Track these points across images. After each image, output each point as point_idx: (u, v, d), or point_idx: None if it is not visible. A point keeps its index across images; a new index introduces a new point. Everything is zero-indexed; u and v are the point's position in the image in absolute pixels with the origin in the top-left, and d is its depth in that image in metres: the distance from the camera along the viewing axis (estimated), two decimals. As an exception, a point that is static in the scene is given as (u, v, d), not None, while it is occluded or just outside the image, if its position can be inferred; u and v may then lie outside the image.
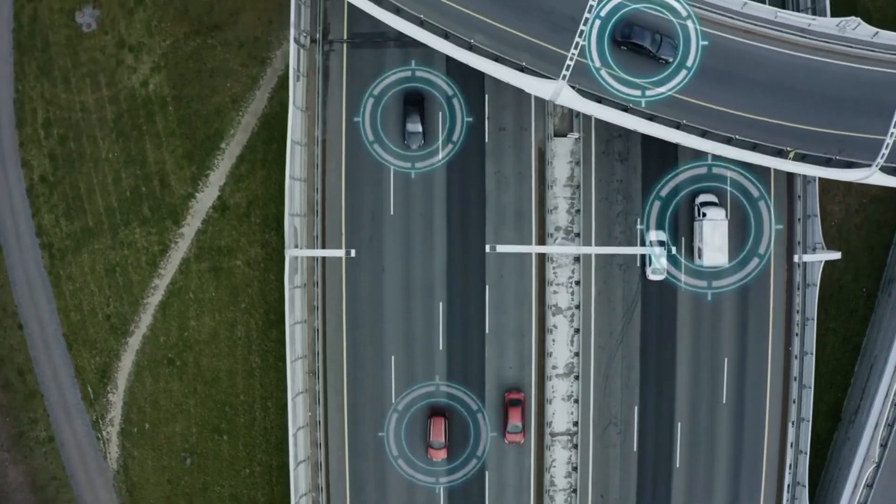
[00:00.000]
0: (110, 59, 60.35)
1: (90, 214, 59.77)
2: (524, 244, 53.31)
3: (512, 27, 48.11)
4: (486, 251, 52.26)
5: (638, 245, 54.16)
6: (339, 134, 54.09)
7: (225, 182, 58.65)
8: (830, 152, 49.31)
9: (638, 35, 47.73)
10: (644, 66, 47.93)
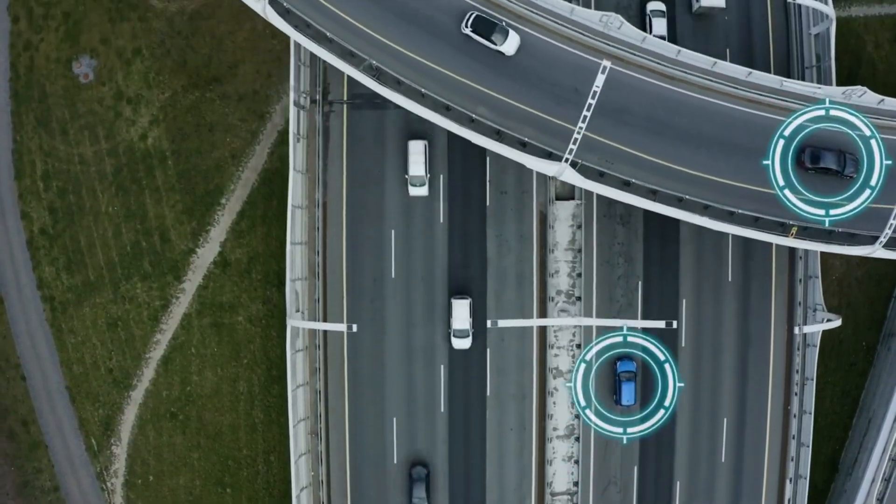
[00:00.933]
0: (108, 112, 59.97)
1: (91, 268, 59.80)
2: (525, 307, 53.42)
3: (515, 100, 47.67)
4: (488, 326, 52.65)
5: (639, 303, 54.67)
6: (339, 196, 53.87)
7: (226, 238, 58.58)
8: (832, 223, 49.54)
9: (826, 158, 47.42)
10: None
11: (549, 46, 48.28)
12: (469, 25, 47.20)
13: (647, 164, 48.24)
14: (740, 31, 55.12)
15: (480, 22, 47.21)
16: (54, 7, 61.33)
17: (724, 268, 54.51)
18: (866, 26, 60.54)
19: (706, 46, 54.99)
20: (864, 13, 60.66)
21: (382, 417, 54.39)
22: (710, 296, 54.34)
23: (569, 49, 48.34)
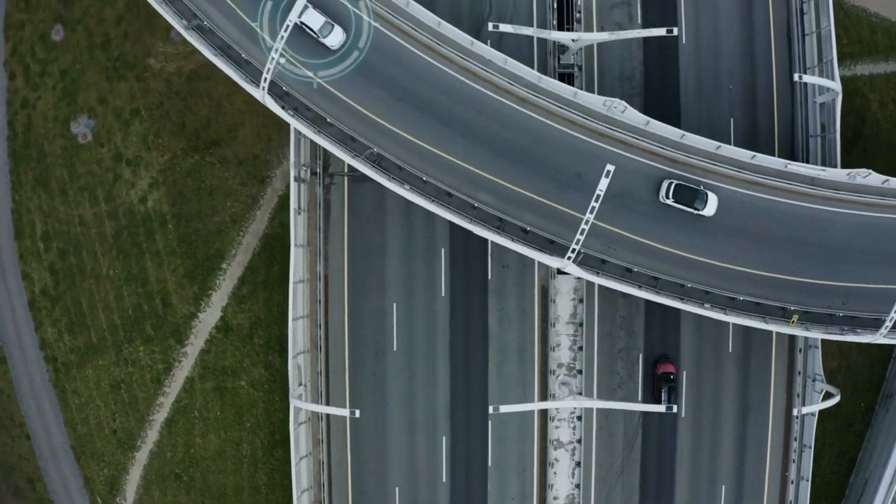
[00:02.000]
0: (108, 173, 59.64)
1: (93, 330, 59.90)
2: (526, 381, 53.47)
3: (517, 185, 47.52)
4: (490, 411, 52.76)
5: (640, 375, 54.88)
6: (341, 269, 53.74)
7: (227, 303, 58.60)
8: (834, 305, 49.30)
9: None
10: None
11: (551, 130, 48.04)
12: None
13: (650, 249, 48.12)
14: (744, 100, 54.66)
15: None
16: (51, 64, 60.78)
17: (725, 339, 54.59)
18: (871, 85, 59.99)
19: (710, 117, 55.30)
20: (870, 71, 60.09)
21: (385, 487, 54.74)
22: (710, 366, 54.59)
23: (571, 133, 48.01)
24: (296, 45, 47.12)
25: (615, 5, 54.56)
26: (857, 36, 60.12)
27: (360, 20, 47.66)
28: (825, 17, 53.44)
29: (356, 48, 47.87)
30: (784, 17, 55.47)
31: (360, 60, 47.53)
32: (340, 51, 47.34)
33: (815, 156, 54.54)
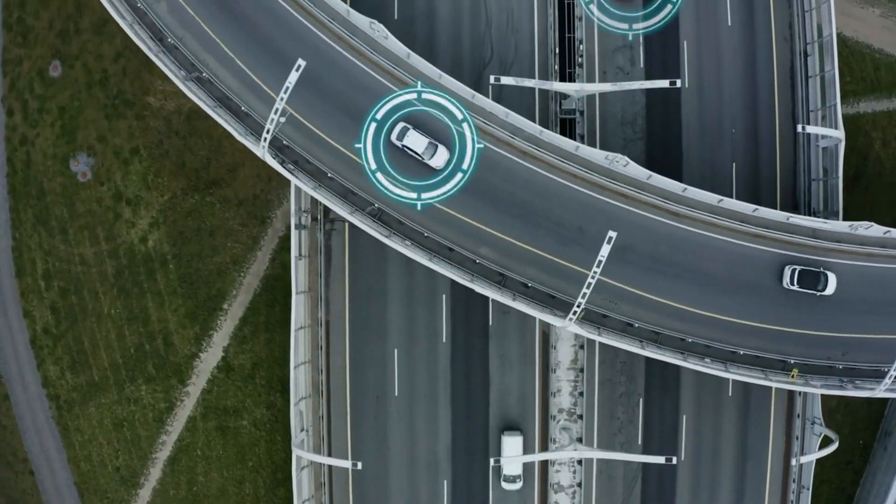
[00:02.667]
0: (108, 212, 59.51)
1: (95, 369, 60.06)
2: (527, 427, 53.94)
3: (519, 240, 47.44)
4: (491, 463, 53.13)
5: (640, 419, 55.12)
6: (342, 314, 53.67)
7: (229, 343, 58.73)
8: (833, 357, 49.44)
9: None
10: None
11: (552, 183, 47.89)
12: None
13: (651, 303, 48.19)
14: (747, 143, 54.37)
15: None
16: (49, 101, 60.43)
17: (725, 383, 54.44)
18: (874, 123, 59.74)
19: (712, 160, 55.10)
20: (873, 109, 59.78)
21: (387, 528, 55.71)
22: (710, 410, 54.72)
23: (573, 186, 47.89)
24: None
25: (617, 49, 54.20)
26: (861, 73, 59.82)
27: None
28: (829, 60, 53.11)
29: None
30: (787, 59, 55.14)
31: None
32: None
33: (818, 200, 54.43)
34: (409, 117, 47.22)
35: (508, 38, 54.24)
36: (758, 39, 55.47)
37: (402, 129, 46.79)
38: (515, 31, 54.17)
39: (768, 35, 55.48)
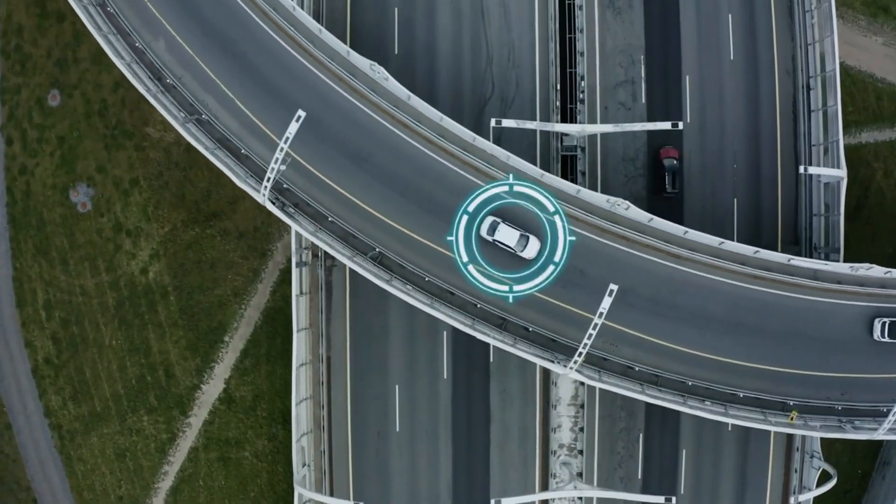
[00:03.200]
0: (108, 243, 59.42)
1: (97, 399, 60.19)
2: (528, 460, 53.99)
3: (518, 283, 47.77)
4: (492, 503, 53.41)
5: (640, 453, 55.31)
6: (343, 351, 53.70)
7: (230, 375, 58.78)
8: (833, 397, 49.56)
9: None
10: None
11: (553, 225, 47.98)
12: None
13: (652, 346, 48.19)
14: (748, 178, 54.25)
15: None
16: (48, 130, 60.20)
17: (725, 417, 55.25)
18: (876, 153, 59.49)
19: (713, 195, 54.93)
20: (875, 139, 59.52)
21: (389, 564, 56.04)
22: (709, 445, 54.92)
23: (574, 229, 47.86)
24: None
25: (619, 84, 53.91)
26: (863, 103, 59.48)
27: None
28: (832, 96, 52.86)
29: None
30: (790, 92, 54.92)
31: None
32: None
33: (819, 235, 54.39)
34: (499, 210, 46.62)
35: (509, 73, 54.04)
36: (760, 73, 55.22)
37: (492, 223, 46.16)
38: (516, 66, 53.97)
39: (771, 69, 55.22)
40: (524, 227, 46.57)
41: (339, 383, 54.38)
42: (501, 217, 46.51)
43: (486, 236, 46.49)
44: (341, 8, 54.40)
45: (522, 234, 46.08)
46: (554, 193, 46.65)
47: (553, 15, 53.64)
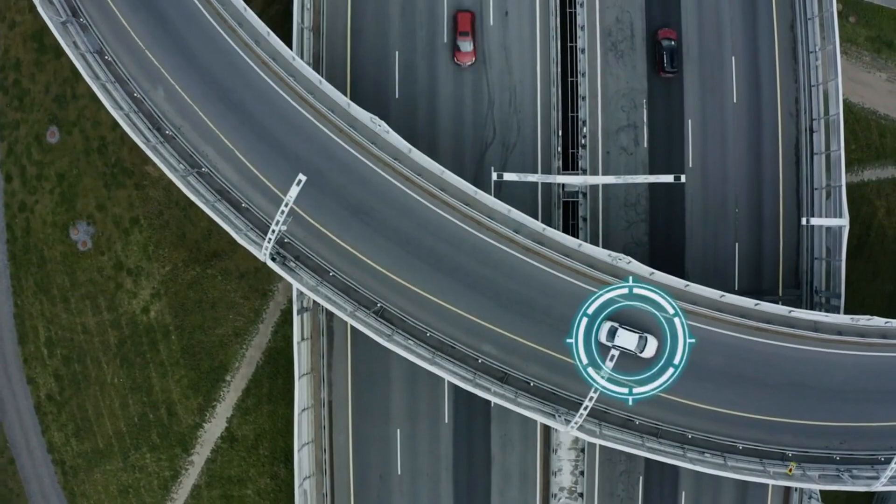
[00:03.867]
0: (109, 282, 59.34)
1: (100, 436, 60.38)
2: (529, 504, 55.03)
3: (521, 336, 47.40)
4: None
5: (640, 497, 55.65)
6: (345, 395, 53.90)
7: (232, 414, 58.92)
8: (832, 445, 49.77)
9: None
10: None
11: (554, 279, 47.65)
12: None
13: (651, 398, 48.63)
14: (750, 222, 54.01)
15: None
16: (48, 167, 59.93)
17: (724, 459, 55.48)
18: (878, 191, 59.21)
19: (715, 240, 54.78)
20: (877, 176, 59.19)
21: None
22: (709, 487, 55.19)
23: (576, 282, 47.64)
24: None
25: (621, 129, 53.64)
26: (866, 140, 59.16)
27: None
28: (835, 140, 52.56)
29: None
30: (793, 135, 54.66)
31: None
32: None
33: (820, 279, 54.28)
34: (616, 314, 46.64)
35: (511, 118, 53.75)
36: (763, 116, 54.94)
37: (610, 328, 46.29)
38: (518, 111, 53.67)
39: (774, 111, 54.95)
40: (642, 327, 46.59)
41: (340, 427, 54.58)
42: (617, 320, 46.45)
43: (605, 342, 46.55)
44: (341, 52, 54.16)
45: (641, 336, 46.36)
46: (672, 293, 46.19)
47: (555, 58, 53.46)
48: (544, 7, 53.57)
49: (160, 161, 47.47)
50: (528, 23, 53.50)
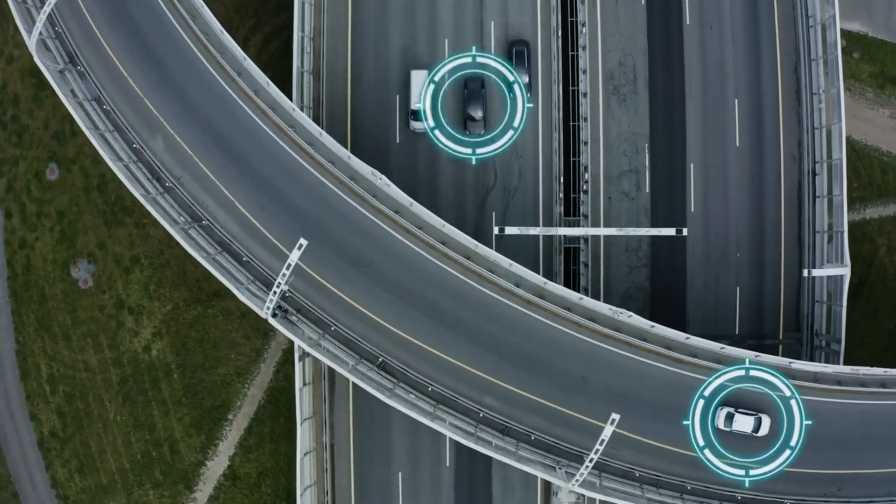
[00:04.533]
0: (110, 320, 59.36)
1: (103, 473, 60.66)
2: (528, 541, 55.35)
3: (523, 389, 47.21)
4: None
5: (640, 535, 56.11)
6: (347, 439, 54.06)
7: (234, 452, 59.14)
8: (829, 493, 50.03)
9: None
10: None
11: (555, 332, 47.80)
12: None
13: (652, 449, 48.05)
14: (752, 267, 53.92)
15: None
16: (47, 205, 59.77)
17: None
18: (880, 229, 59.00)
19: (716, 284, 54.71)
20: (879, 214, 59.00)
21: None
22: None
23: (577, 335, 47.76)
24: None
25: (623, 174, 53.41)
26: (868, 178, 58.88)
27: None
28: (838, 185, 52.24)
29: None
30: (795, 178, 54.40)
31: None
32: None
33: (820, 322, 54.18)
34: (730, 397, 46.82)
35: (512, 162, 53.49)
36: (766, 159, 54.65)
37: (727, 414, 46.54)
38: (519, 155, 53.40)
39: (776, 154, 54.64)
40: (756, 406, 46.80)
41: (342, 470, 54.86)
42: (733, 404, 46.66)
43: (723, 428, 46.86)
44: (342, 95, 53.81)
45: (756, 417, 46.68)
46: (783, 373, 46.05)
47: (557, 103, 53.24)
48: (546, 50, 53.34)
49: (160, 215, 47.29)
50: (529, 66, 53.42)
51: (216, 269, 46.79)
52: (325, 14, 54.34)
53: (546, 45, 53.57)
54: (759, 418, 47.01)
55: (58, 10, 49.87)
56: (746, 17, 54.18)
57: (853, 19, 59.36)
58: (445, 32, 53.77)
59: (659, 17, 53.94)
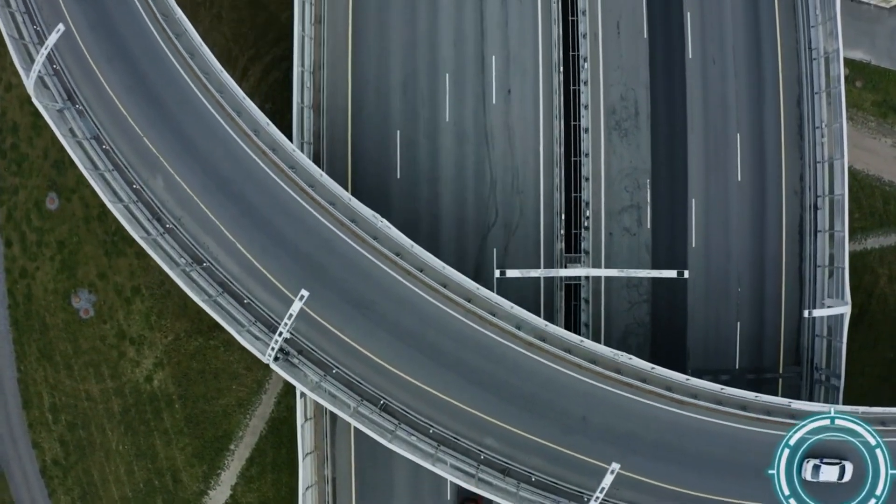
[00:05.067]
0: (112, 350, 59.43)
1: (106, 501, 60.82)
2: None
3: (523, 430, 47.62)
4: None
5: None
6: (348, 473, 54.26)
7: (236, 482, 59.41)
8: (831, 530, 50.57)
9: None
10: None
11: (556, 373, 47.80)
12: None
13: (652, 488, 48.43)
14: (753, 302, 54.01)
15: None
16: (48, 234, 59.67)
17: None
18: (881, 259, 58.93)
19: (717, 319, 54.74)
20: (881, 244, 58.88)
21: None
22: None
23: (577, 376, 47.80)
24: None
25: (624, 209, 53.31)
26: (870, 208, 58.73)
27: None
28: (839, 221, 52.21)
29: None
30: (797, 213, 54.32)
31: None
32: None
33: (821, 357, 54.30)
34: (814, 448, 46.85)
35: (513, 198, 53.37)
36: (767, 194, 54.55)
37: (813, 467, 46.68)
38: (520, 191, 53.27)
39: (778, 189, 54.54)
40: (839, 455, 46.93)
41: (344, 502, 55.26)
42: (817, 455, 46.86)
43: (811, 479, 46.94)
44: (342, 130, 53.59)
45: (840, 465, 46.90)
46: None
47: (558, 138, 53.01)
48: (548, 85, 53.09)
49: (160, 258, 47.14)
50: (531, 102, 52.97)
51: (217, 312, 46.74)
52: (325, 47, 54.15)
53: (547, 80, 53.46)
54: (843, 466, 47.22)
55: (56, 47, 49.67)
56: (749, 51, 54.08)
57: (856, 47, 59.05)
58: (447, 67, 53.73)
59: (661, 51, 53.81)
